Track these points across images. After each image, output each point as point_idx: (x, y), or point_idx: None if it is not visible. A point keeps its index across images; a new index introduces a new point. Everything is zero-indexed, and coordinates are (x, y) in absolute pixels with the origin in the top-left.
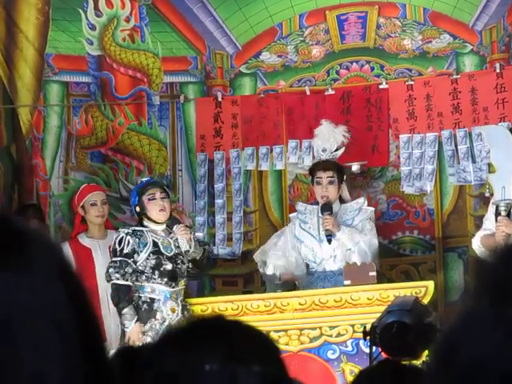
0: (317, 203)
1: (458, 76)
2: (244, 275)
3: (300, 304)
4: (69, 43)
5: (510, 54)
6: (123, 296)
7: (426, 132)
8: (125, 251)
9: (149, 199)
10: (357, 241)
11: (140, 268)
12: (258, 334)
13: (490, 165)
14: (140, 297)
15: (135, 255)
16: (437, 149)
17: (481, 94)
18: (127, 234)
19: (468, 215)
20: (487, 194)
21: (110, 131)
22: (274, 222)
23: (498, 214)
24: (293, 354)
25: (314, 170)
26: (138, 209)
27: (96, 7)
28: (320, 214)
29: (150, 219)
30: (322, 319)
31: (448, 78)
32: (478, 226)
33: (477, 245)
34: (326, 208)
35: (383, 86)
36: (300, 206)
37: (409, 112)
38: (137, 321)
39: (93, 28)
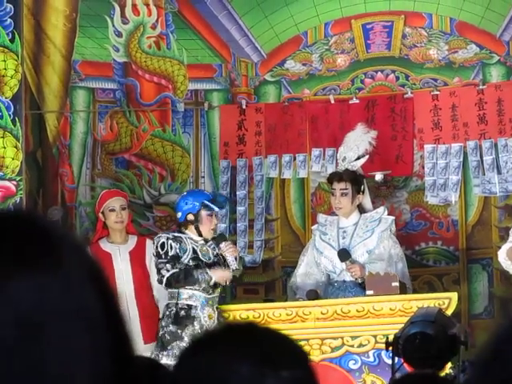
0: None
1: (484, 86)
2: (265, 283)
3: (322, 313)
4: (95, 50)
5: None
6: (186, 276)
7: (451, 142)
8: (170, 254)
9: (207, 214)
10: (383, 271)
11: None
12: (287, 339)
13: None
14: (177, 303)
15: (179, 259)
16: (462, 159)
17: (507, 105)
18: (168, 238)
19: (492, 226)
20: None
21: (135, 137)
22: (295, 230)
23: None
24: (314, 363)
25: (330, 180)
26: (191, 217)
27: (123, 14)
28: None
29: (195, 231)
30: (344, 329)
31: (474, 88)
32: (503, 238)
33: (503, 257)
34: (343, 255)
35: (408, 95)
36: (321, 217)
37: (434, 122)
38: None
39: (119, 35)
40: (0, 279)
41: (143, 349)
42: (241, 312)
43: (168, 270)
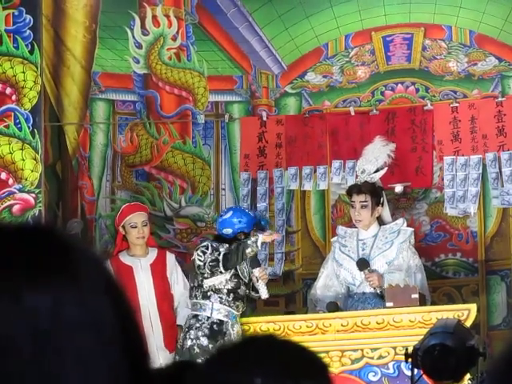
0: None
1: (504, 99)
2: (286, 295)
3: (342, 325)
4: (115, 61)
5: None
6: (236, 251)
7: (471, 154)
8: (221, 253)
9: (253, 234)
10: (402, 281)
11: (217, 287)
12: (307, 351)
13: None
14: (209, 317)
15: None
16: (481, 171)
17: None
18: (220, 245)
19: (511, 238)
20: None
21: (155, 149)
22: (316, 242)
23: None
24: (334, 375)
25: (349, 192)
26: (241, 236)
27: (143, 26)
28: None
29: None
30: (364, 341)
31: (493, 100)
32: None
33: None
34: (362, 264)
35: (428, 107)
36: (340, 229)
37: (453, 134)
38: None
39: (139, 46)
40: (15, 291)
41: (167, 358)
42: (261, 324)
43: (220, 253)
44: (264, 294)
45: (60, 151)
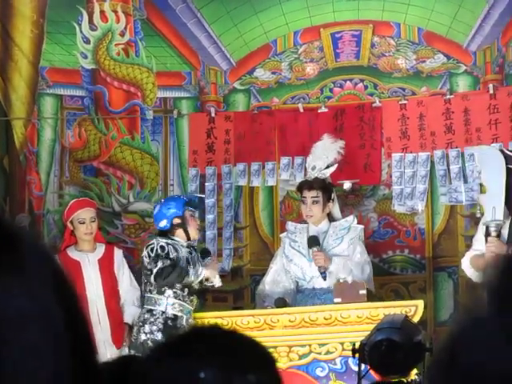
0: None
1: (452, 96)
2: (234, 291)
3: (290, 321)
4: (63, 56)
5: (503, 75)
6: (173, 271)
7: (419, 151)
8: (171, 256)
9: (191, 215)
10: (349, 270)
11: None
12: (253, 343)
13: (481, 185)
14: (164, 312)
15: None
16: (429, 168)
17: (474, 115)
18: (168, 243)
19: (459, 235)
20: (478, 215)
21: (103, 145)
22: (264, 238)
23: (488, 234)
24: (281, 370)
25: (300, 188)
26: (177, 221)
27: (91, 21)
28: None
29: (184, 235)
30: (312, 336)
31: (441, 97)
32: (469, 246)
33: (466, 265)
34: (313, 241)
35: (376, 104)
36: (290, 225)
37: (402, 131)
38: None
39: (87, 42)
40: None
41: (115, 354)
42: (209, 320)
43: (163, 263)
44: (217, 282)
45: (7, 146)
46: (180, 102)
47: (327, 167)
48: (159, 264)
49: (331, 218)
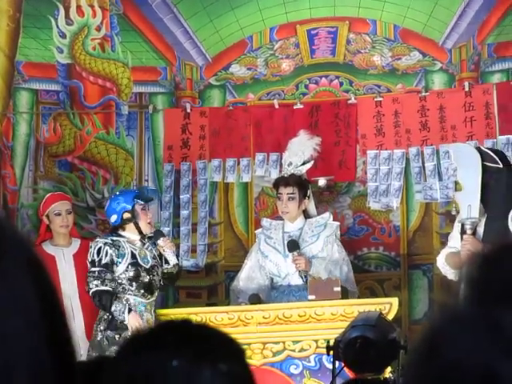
0: (282, 218)
1: (427, 93)
2: (208, 287)
3: (264, 318)
4: (39, 51)
5: (478, 72)
6: (106, 301)
7: (394, 148)
8: (103, 261)
9: (141, 209)
10: (329, 271)
11: (118, 279)
12: (223, 335)
13: (456, 183)
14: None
15: (114, 266)
16: (404, 165)
17: (449, 112)
18: (106, 244)
19: (434, 233)
20: (453, 212)
21: (78, 140)
22: (238, 234)
23: (463, 232)
24: (255, 367)
25: (276, 184)
26: (127, 215)
27: (67, 15)
28: (287, 244)
29: (135, 228)
30: (286, 333)
31: (417, 95)
32: (444, 244)
33: (441, 262)
34: (292, 246)
35: (352, 101)
36: (265, 221)
37: (377, 128)
38: (129, 311)
39: (63, 36)
40: None
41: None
42: (183, 316)
43: (97, 285)
44: (173, 260)
45: None
46: (155, 97)
47: (303, 163)
48: (92, 286)
49: (307, 215)
